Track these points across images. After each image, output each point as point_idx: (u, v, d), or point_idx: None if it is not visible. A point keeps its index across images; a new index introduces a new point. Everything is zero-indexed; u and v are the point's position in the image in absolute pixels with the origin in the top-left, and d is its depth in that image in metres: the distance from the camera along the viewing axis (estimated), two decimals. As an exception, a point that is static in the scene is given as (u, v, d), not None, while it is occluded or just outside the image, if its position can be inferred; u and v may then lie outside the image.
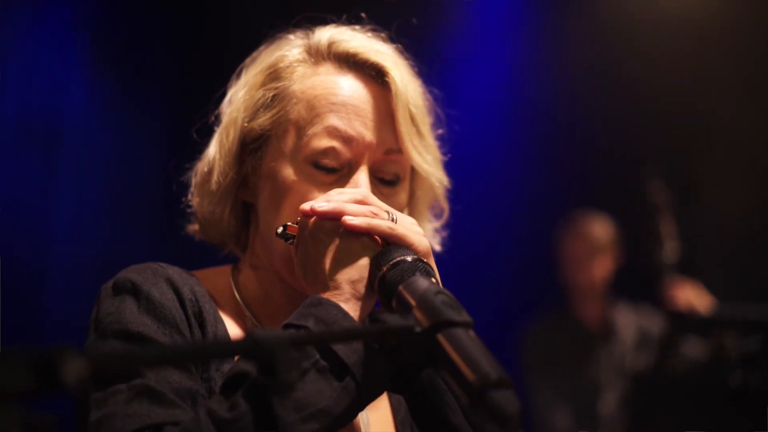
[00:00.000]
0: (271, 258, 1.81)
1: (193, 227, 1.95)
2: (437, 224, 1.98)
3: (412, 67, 1.89)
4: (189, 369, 1.60)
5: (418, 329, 1.37)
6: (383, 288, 1.52)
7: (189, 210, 1.94)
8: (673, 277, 4.71)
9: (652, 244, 4.77)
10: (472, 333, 1.37)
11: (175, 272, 1.74)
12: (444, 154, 1.91)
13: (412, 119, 1.78)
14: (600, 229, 5.21)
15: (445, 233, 1.97)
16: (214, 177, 1.84)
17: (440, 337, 1.35)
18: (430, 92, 1.91)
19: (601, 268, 5.16)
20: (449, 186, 1.92)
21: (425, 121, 1.84)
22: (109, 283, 1.72)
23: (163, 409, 1.50)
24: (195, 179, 1.91)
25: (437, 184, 1.89)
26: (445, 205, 1.97)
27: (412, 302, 1.43)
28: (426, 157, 1.80)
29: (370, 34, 1.89)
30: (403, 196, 1.82)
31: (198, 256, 2.02)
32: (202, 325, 1.70)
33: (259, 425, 1.40)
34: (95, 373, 1.55)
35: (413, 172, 1.84)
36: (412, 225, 1.65)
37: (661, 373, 4.37)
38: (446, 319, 1.36)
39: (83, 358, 0.99)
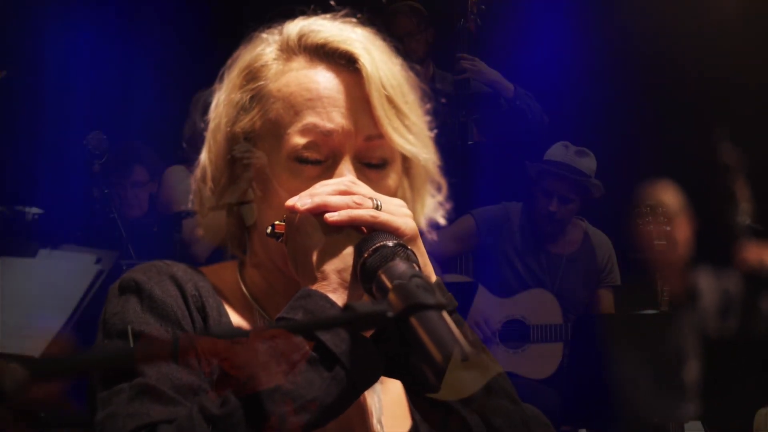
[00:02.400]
0: (270, 255, 1.82)
1: (198, 232, 1.97)
2: (440, 197, 1.94)
3: (392, 47, 1.85)
4: (191, 364, 1.62)
5: (390, 314, 1.36)
6: (364, 274, 1.52)
7: (188, 218, 1.96)
8: (749, 239, 4.58)
9: (726, 206, 4.65)
10: (445, 315, 1.36)
11: (180, 269, 1.77)
12: (431, 129, 1.86)
13: (389, 100, 1.74)
14: (671, 198, 5.07)
15: (448, 205, 1.93)
16: (208, 183, 1.85)
17: (412, 320, 1.35)
18: (411, 69, 1.87)
19: (680, 237, 5.03)
20: (439, 162, 1.88)
21: (407, 100, 1.79)
22: (115, 283, 1.76)
23: (162, 406, 1.53)
24: (193, 186, 1.92)
25: (423, 162, 1.85)
26: (441, 181, 1.93)
27: (389, 286, 1.43)
28: (408, 138, 1.76)
29: (339, 21, 1.85)
30: (392, 178, 1.79)
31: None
32: (205, 320, 1.73)
33: (251, 420, 1.42)
34: (102, 374, 1.63)
35: None
36: (398, 208, 1.64)
37: (743, 336, 4.27)
38: (419, 302, 1.35)
39: (22, 368, 1.02)
